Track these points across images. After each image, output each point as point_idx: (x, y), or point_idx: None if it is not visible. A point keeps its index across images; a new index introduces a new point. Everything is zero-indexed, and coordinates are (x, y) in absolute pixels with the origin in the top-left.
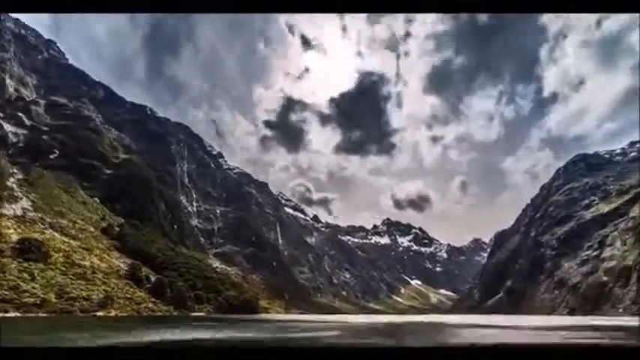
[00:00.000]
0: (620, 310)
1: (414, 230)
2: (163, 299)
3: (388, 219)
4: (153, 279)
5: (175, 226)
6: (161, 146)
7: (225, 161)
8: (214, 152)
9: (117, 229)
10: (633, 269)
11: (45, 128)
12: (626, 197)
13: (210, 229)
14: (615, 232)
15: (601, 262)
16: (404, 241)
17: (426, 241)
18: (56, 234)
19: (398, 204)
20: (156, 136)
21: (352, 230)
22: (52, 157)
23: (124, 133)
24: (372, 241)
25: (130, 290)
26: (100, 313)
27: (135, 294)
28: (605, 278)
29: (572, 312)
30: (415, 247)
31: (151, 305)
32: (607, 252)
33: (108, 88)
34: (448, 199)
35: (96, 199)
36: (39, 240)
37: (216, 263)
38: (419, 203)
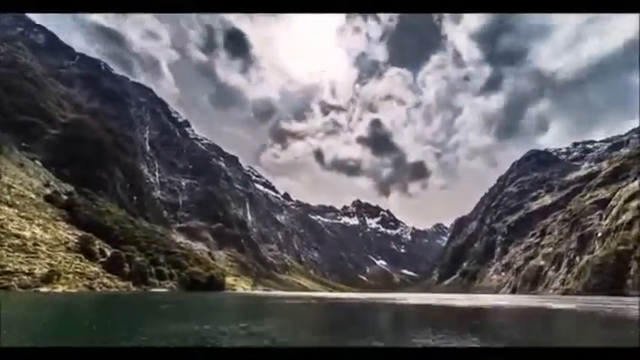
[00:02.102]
0: (551, 291)
1: (382, 212)
2: (120, 275)
3: (358, 200)
4: (108, 253)
5: (135, 198)
6: (118, 108)
7: (192, 130)
8: (180, 120)
9: (64, 197)
10: (565, 255)
11: None
12: (566, 192)
13: (175, 202)
14: (554, 223)
15: (540, 248)
16: (372, 222)
17: (393, 223)
18: None
19: None
20: (112, 96)
21: (322, 210)
22: None
23: (74, 89)
24: (342, 221)
25: (80, 265)
26: (44, 289)
27: (87, 269)
28: (542, 262)
29: (513, 291)
30: (382, 229)
31: (106, 281)
32: (546, 239)
33: (51, 34)
34: None
35: (38, 162)
36: None
37: (180, 238)
38: None
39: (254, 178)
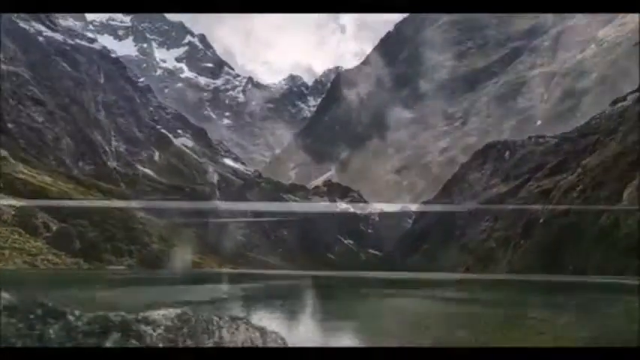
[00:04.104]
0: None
1: (351, 193)
2: (70, 251)
3: (329, 180)
4: (54, 227)
5: (87, 168)
6: (64, 64)
7: (155, 98)
8: (141, 84)
9: None
10: (512, 239)
11: None
12: (517, 182)
13: (134, 174)
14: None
15: (494, 232)
16: (342, 202)
17: (362, 204)
18: None
19: None
20: (56, 49)
21: (293, 189)
22: None
23: (4, 37)
24: (312, 200)
25: (19, 239)
26: None
27: (27, 244)
28: (493, 244)
29: (467, 270)
30: (352, 210)
31: (51, 257)
32: (498, 224)
33: None
34: None
35: None
36: None
37: (141, 213)
38: None
39: (223, 153)
